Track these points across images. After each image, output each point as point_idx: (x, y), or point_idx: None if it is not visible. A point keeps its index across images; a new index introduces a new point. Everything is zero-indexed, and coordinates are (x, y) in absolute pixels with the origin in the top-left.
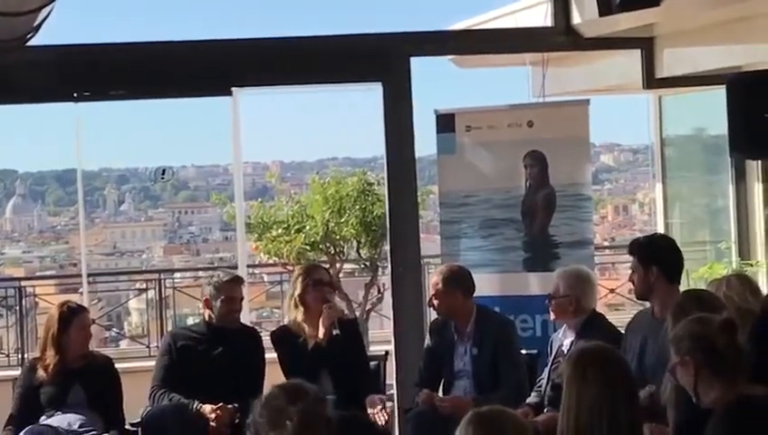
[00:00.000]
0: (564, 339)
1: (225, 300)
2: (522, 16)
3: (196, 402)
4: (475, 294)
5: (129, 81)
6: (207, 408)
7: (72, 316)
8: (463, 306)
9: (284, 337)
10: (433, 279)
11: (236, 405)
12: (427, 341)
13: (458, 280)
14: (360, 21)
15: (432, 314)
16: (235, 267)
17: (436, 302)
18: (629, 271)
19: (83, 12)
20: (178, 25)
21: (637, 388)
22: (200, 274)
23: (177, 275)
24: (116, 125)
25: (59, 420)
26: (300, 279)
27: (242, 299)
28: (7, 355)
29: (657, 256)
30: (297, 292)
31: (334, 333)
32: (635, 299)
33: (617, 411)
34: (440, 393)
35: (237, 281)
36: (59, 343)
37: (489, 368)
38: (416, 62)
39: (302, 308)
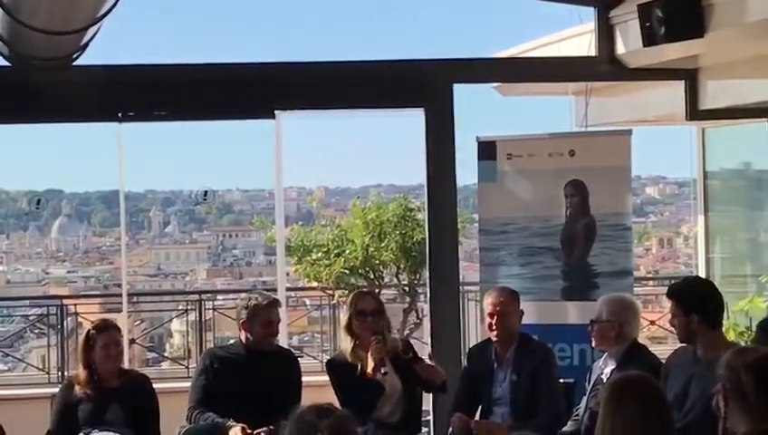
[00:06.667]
0: (605, 367)
1: (262, 323)
2: (566, 45)
3: (230, 421)
4: None
5: (173, 102)
6: (236, 430)
7: (97, 334)
8: (516, 330)
9: (338, 366)
10: (496, 298)
11: (271, 428)
12: (465, 366)
13: (518, 301)
14: (403, 47)
15: (469, 342)
16: (275, 290)
17: (499, 321)
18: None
19: (130, 32)
20: (223, 48)
21: (673, 417)
22: (242, 295)
23: (220, 297)
24: (163, 148)
25: None
26: (346, 309)
27: (278, 322)
28: (47, 373)
29: (696, 305)
30: (344, 322)
31: (383, 371)
32: None
33: None
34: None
35: (274, 304)
36: (87, 361)
37: (527, 395)
38: (459, 90)
39: (350, 338)
